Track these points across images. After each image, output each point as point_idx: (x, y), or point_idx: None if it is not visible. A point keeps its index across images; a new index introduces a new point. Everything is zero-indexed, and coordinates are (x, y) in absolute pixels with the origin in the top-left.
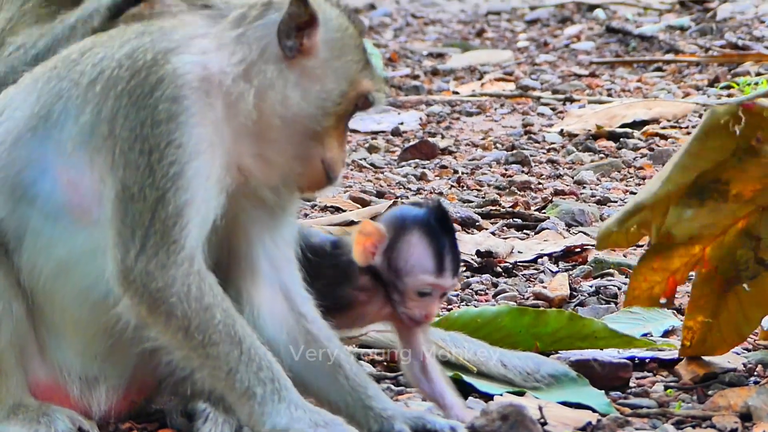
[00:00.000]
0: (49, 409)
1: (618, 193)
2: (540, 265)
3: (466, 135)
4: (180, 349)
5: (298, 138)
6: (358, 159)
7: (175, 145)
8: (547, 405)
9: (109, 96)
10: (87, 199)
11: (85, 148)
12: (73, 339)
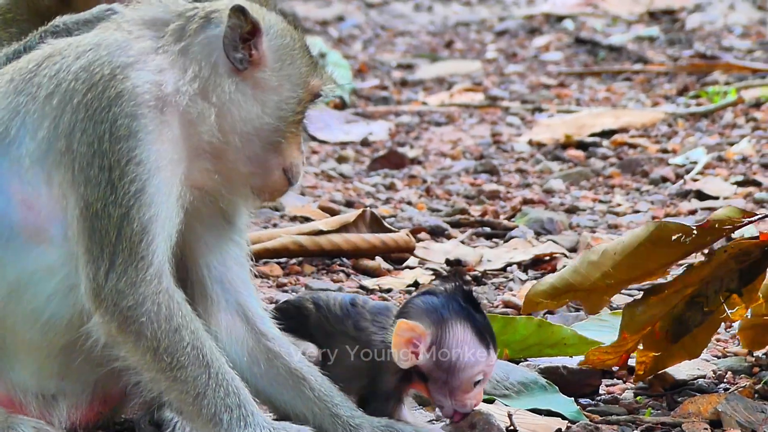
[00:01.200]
0: (14, 421)
1: (587, 202)
2: (509, 273)
3: (435, 145)
4: (148, 371)
5: (257, 151)
6: (327, 169)
7: (135, 162)
8: (517, 412)
9: (66, 110)
10: (42, 218)
11: (43, 164)
12: (27, 359)
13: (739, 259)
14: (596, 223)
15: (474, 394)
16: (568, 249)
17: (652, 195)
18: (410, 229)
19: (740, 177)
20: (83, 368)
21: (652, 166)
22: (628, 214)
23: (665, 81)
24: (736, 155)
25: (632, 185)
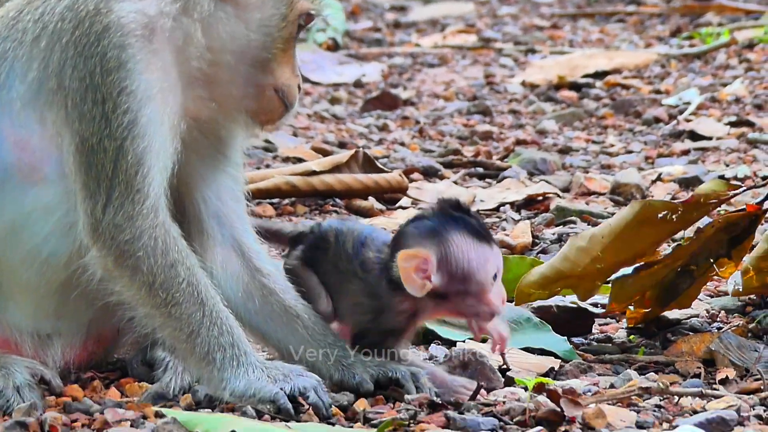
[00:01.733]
0: (7, 361)
1: (580, 142)
2: (502, 213)
3: (428, 86)
4: (143, 306)
5: (248, 72)
6: (320, 110)
7: (126, 93)
8: (510, 351)
9: (55, 49)
10: (37, 157)
11: (35, 105)
12: (23, 299)
13: (728, 230)
14: (589, 164)
15: (497, 290)
16: (561, 189)
17: (645, 135)
18: (403, 170)
19: (733, 117)
20: (78, 307)
21: (645, 106)
22: (621, 154)
23: (658, 22)
24: (729, 96)
25: (625, 126)
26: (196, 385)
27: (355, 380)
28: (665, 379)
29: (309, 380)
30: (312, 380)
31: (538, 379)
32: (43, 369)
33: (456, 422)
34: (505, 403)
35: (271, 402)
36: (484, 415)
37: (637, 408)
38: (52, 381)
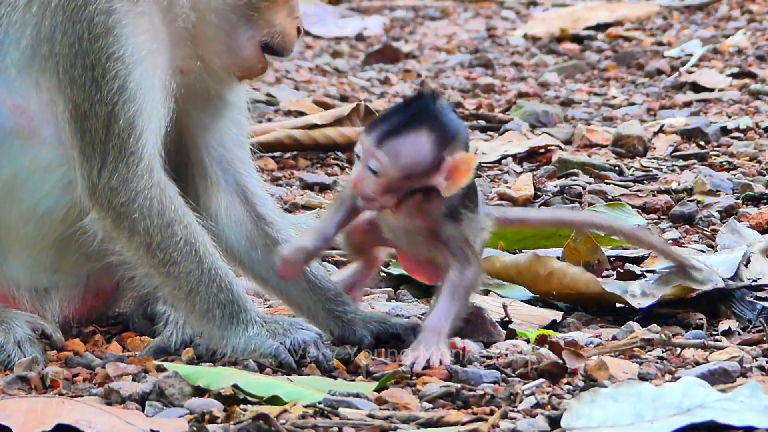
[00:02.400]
0: (8, 315)
1: (582, 95)
2: (504, 166)
3: (430, 39)
4: (142, 266)
5: (233, 27)
6: (321, 64)
7: (114, 58)
8: (512, 303)
9: (46, 14)
10: (35, 121)
11: (29, 71)
12: (21, 254)
13: None
14: (591, 116)
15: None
16: (563, 141)
17: (647, 87)
18: None
19: (735, 69)
20: (76, 262)
21: (647, 58)
22: (623, 106)
23: None
24: (731, 47)
25: (627, 78)
26: (197, 339)
27: (356, 336)
28: (667, 331)
29: (309, 334)
30: (312, 333)
31: (540, 331)
32: (44, 323)
33: (458, 375)
34: (507, 355)
35: (273, 356)
36: (486, 367)
37: (639, 360)
38: (53, 335)
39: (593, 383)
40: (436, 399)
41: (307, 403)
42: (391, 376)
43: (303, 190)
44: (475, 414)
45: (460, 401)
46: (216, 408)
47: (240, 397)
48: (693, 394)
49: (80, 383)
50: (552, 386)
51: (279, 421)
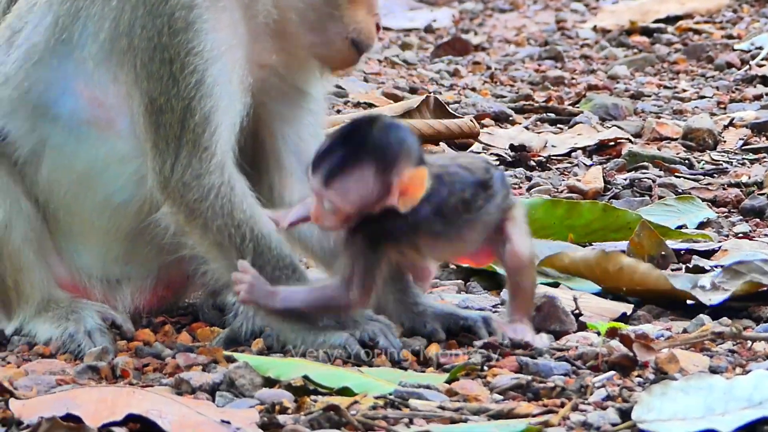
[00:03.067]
0: (79, 305)
1: (652, 87)
2: (574, 159)
3: (499, 31)
4: (214, 262)
5: (317, 23)
6: (391, 56)
7: (193, 53)
8: (582, 296)
9: (125, 9)
10: (112, 113)
11: (107, 64)
12: (94, 244)
13: None
14: (661, 109)
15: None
16: (633, 134)
17: (717, 81)
18: (474, 115)
19: None
20: (149, 254)
21: (717, 51)
22: (693, 99)
23: None
24: None
25: (697, 71)
26: (267, 330)
27: (426, 328)
28: (738, 324)
29: (379, 325)
30: (382, 325)
31: (611, 324)
32: (114, 313)
33: (528, 367)
34: (577, 347)
35: (343, 348)
36: (556, 359)
37: (710, 353)
38: (123, 325)
39: (664, 376)
40: (506, 391)
41: (378, 395)
42: (462, 368)
43: None
44: (546, 406)
45: (530, 393)
46: (286, 399)
47: (310, 388)
48: (764, 387)
49: (150, 373)
50: (623, 379)
51: (349, 413)
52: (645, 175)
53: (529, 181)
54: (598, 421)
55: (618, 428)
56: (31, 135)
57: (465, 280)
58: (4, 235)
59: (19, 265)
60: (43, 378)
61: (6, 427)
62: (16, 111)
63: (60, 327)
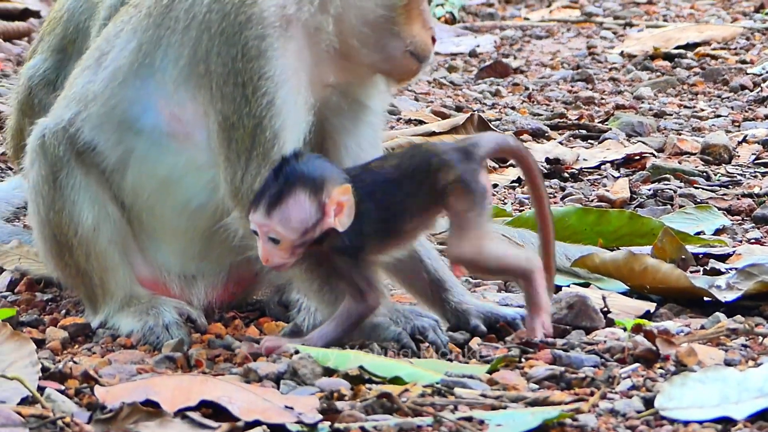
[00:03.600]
0: (158, 301)
1: (673, 107)
2: (603, 171)
3: (536, 56)
4: None
5: (378, 42)
6: (439, 77)
7: (265, 78)
8: (610, 295)
9: (203, 38)
10: (189, 127)
11: (186, 86)
12: (173, 243)
13: None
14: (681, 126)
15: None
16: (656, 149)
17: (732, 101)
18: (514, 131)
19: None
20: (221, 252)
21: (731, 75)
22: (710, 118)
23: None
24: None
25: (714, 92)
26: None
27: (470, 325)
28: (750, 322)
29: (428, 320)
30: (430, 320)
31: (636, 320)
32: (189, 309)
33: (561, 359)
34: (606, 342)
35: (395, 341)
36: (587, 353)
37: (725, 347)
38: (197, 320)
39: (683, 368)
40: (542, 381)
41: (426, 383)
42: (501, 360)
43: None
44: (577, 395)
45: (563, 383)
46: (344, 387)
47: (365, 377)
48: None
49: (221, 363)
50: (646, 370)
51: (400, 399)
52: (667, 186)
53: (563, 191)
54: (624, 408)
55: (642, 415)
56: (118, 146)
57: (504, 281)
58: (93, 237)
59: (105, 265)
60: (124, 367)
61: (91, 412)
62: (103, 125)
63: (141, 321)
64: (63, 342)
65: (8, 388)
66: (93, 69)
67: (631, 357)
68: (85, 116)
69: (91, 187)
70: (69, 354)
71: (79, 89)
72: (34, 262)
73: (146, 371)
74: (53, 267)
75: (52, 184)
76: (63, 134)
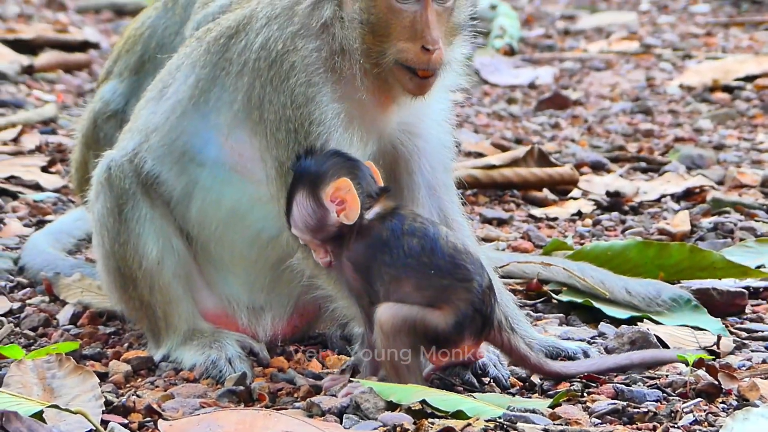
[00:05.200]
0: (220, 335)
1: (733, 140)
2: (663, 204)
3: (595, 88)
4: (340, 300)
5: (376, 57)
6: (498, 110)
7: (315, 123)
8: (671, 329)
9: (255, 85)
10: (250, 164)
11: (241, 131)
12: (241, 275)
13: None
14: (741, 159)
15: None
16: (716, 182)
17: None
18: (574, 164)
19: None
20: (290, 283)
21: None
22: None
23: None
24: None
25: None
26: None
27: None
28: None
29: (489, 356)
30: (491, 355)
31: (698, 355)
32: (252, 342)
33: (624, 393)
34: (667, 376)
35: (456, 375)
36: (649, 387)
37: None
38: (260, 353)
39: (746, 402)
40: (604, 415)
41: (488, 418)
42: (564, 394)
43: (482, 224)
44: (639, 429)
45: (625, 417)
46: (406, 421)
47: (428, 411)
48: None
49: (284, 397)
50: (708, 405)
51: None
52: (727, 219)
53: (623, 224)
54: None
55: None
56: (181, 177)
57: (566, 314)
58: (157, 270)
59: (169, 298)
60: (187, 401)
61: None
62: (165, 156)
63: (204, 354)
64: (126, 375)
65: (72, 422)
66: (156, 100)
67: (693, 391)
68: (147, 147)
69: (156, 219)
70: (132, 387)
71: (143, 121)
72: (97, 295)
73: (209, 405)
74: (117, 299)
75: (118, 217)
76: (128, 166)
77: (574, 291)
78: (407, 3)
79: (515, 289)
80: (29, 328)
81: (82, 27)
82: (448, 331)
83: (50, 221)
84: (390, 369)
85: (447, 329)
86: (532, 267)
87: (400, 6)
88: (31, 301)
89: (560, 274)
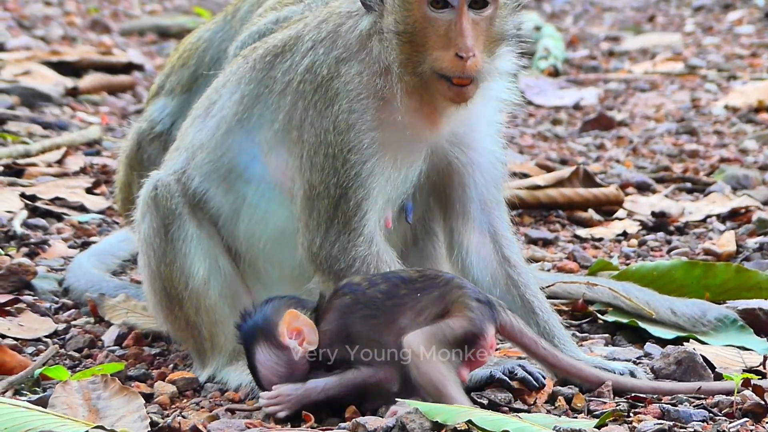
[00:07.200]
0: None
1: None
2: (709, 224)
3: (640, 109)
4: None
5: (413, 68)
6: (543, 130)
7: (355, 151)
8: (717, 349)
9: (297, 106)
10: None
11: (279, 149)
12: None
13: None
14: None
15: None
16: (762, 202)
17: None
18: (619, 185)
19: None
20: None
21: None
22: None
23: None
24: None
25: None
26: None
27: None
28: None
29: (516, 361)
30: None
31: (744, 375)
32: None
33: (670, 413)
34: (714, 396)
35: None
36: (695, 407)
37: None
38: None
39: None
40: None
41: None
42: (610, 414)
43: (528, 244)
44: None
45: None
46: None
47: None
48: None
49: (329, 418)
50: (755, 425)
51: None
52: None
53: (669, 244)
54: None
55: None
56: (229, 194)
57: (612, 334)
58: (203, 290)
59: (215, 319)
60: (233, 422)
61: None
62: (212, 174)
63: (249, 375)
64: (171, 396)
65: None
66: (202, 118)
67: (740, 411)
68: (194, 165)
69: (203, 240)
70: (177, 408)
71: (190, 139)
72: (141, 316)
73: (254, 426)
74: (162, 320)
75: (164, 237)
76: (175, 185)
77: (620, 311)
78: (442, 12)
79: (561, 309)
80: (74, 349)
81: (126, 49)
82: (473, 325)
83: (95, 242)
84: (432, 390)
85: (471, 324)
86: (578, 287)
87: (435, 15)
88: (76, 322)
89: (606, 294)
